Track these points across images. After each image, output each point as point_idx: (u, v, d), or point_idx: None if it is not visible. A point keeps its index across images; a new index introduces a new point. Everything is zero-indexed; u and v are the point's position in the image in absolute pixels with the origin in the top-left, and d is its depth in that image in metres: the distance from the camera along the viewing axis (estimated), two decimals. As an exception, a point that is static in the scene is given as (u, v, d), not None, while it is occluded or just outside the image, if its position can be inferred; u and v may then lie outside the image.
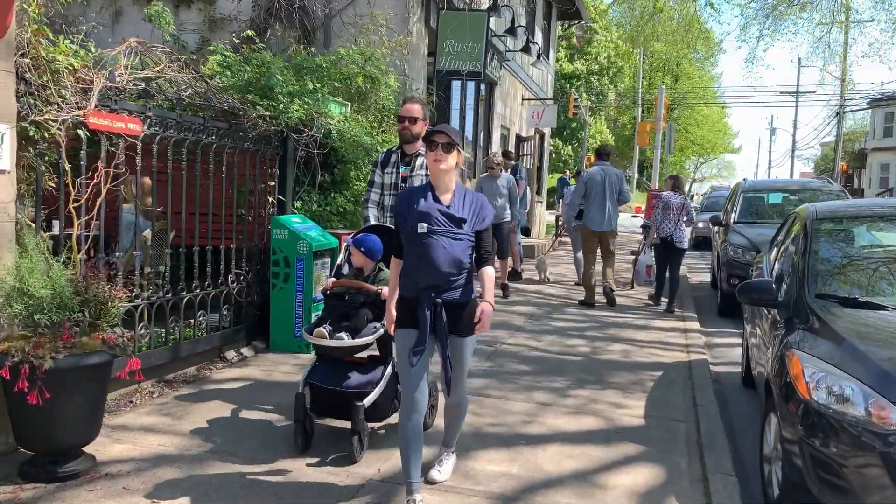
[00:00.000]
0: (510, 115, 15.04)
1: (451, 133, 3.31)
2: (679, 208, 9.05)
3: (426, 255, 3.24)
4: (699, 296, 11.34)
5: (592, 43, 40.63)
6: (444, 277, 3.27)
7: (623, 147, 51.68)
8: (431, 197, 3.32)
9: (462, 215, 3.31)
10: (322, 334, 4.02)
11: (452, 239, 3.27)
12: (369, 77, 7.42)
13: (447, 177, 3.33)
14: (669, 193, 9.29)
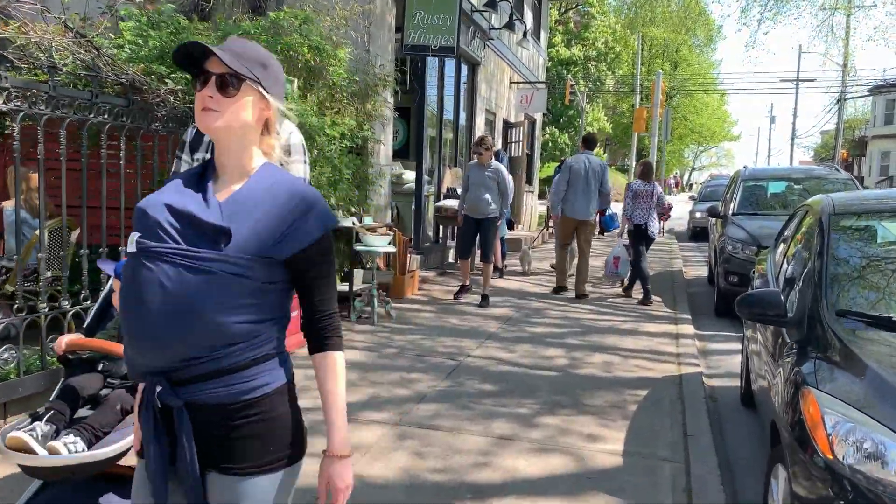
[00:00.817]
0: (496, 100, 14.13)
1: (238, 57, 1.63)
2: (649, 196, 8.85)
3: (133, 302, 1.60)
4: (695, 293, 10.48)
5: (590, 28, 39.58)
6: (174, 351, 1.57)
7: (622, 135, 50.72)
8: (195, 186, 1.68)
9: (223, 224, 1.59)
10: (22, 443, 2.24)
11: (188, 269, 1.56)
12: (315, 48, 6.53)
13: (234, 142, 1.67)
14: (638, 182, 9.05)
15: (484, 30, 12.13)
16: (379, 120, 8.20)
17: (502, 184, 8.13)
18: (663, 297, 9.24)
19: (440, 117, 11.19)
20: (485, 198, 8.05)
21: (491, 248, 8.18)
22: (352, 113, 7.22)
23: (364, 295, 7.07)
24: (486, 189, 8.05)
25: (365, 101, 7.52)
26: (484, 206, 8.08)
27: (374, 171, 8.38)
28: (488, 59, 13.25)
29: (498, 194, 8.09)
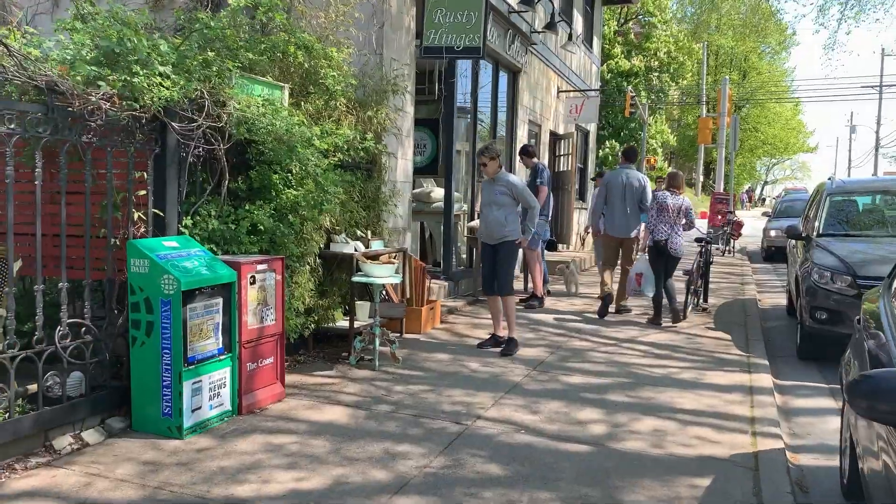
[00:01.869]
0: (541, 110, 12.91)
1: None
2: (676, 210, 8.09)
3: None
4: (773, 327, 8.98)
5: (651, 38, 37.96)
6: None
7: (688, 148, 48.59)
8: None
9: None
10: None
11: None
12: (304, 47, 5.49)
13: None
14: (664, 193, 8.25)
15: (524, 33, 10.97)
16: (391, 131, 7.12)
17: (520, 197, 6.56)
18: (733, 335, 7.81)
19: (474, 129, 10.05)
20: (497, 218, 6.53)
21: (506, 278, 6.59)
22: (352, 122, 6.15)
23: (366, 333, 5.95)
24: (499, 207, 6.53)
25: (373, 108, 6.44)
26: (497, 228, 6.55)
27: (389, 189, 7.29)
28: (531, 66, 12.06)
29: (515, 212, 6.57)
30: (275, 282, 4.83)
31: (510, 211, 6.57)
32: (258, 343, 4.75)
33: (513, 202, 6.56)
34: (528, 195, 6.62)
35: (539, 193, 9.00)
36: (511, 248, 6.63)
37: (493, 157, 6.55)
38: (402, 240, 7.77)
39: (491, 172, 6.61)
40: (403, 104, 7.64)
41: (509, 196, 6.55)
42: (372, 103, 6.48)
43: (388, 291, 6.93)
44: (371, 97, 6.64)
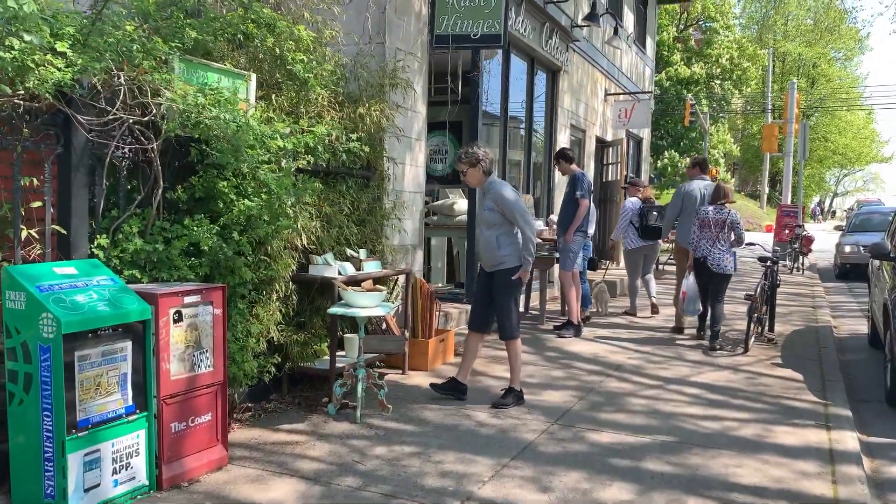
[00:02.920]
0: (586, 114, 11.67)
1: None
2: (719, 224, 7.40)
3: None
4: (853, 362, 7.53)
5: (712, 44, 36.07)
6: None
7: (752, 158, 46.22)
8: None
9: None
10: None
11: None
12: (266, 25, 4.48)
13: None
14: (708, 208, 7.59)
15: (564, 27, 9.80)
16: (392, 132, 6.06)
17: (510, 216, 5.05)
18: (806, 373, 6.42)
19: (504, 134, 8.92)
20: (487, 241, 5.14)
21: (508, 316, 5.16)
22: (336, 119, 5.10)
23: (348, 375, 4.86)
24: (489, 226, 5.15)
25: (364, 105, 5.38)
26: (488, 253, 5.17)
27: (392, 201, 6.22)
28: (573, 65, 10.86)
29: (511, 233, 5.09)
30: (212, 317, 3.80)
31: (503, 232, 5.12)
32: (187, 397, 3.71)
33: (505, 221, 5.11)
34: (520, 214, 5.04)
35: (579, 207, 7.80)
36: (506, 278, 5.13)
37: (472, 164, 5.12)
38: (411, 260, 6.69)
39: (475, 182, 5.23)
40: (412, 102, 6.58)
41: (498, 213, 5.10)
42: (364, 98, 5.42)
43: (388, 322, 5.84)
44: (365, 91, 5.59)
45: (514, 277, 5.09)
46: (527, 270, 5.16)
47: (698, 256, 7.48)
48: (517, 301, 5.27)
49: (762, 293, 7.63)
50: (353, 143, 4.89)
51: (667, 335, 8.09)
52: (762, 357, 7.08)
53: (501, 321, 5.23)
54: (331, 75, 5.04)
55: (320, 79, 4.82)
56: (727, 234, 7.38)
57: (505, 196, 5.08)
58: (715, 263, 7.35)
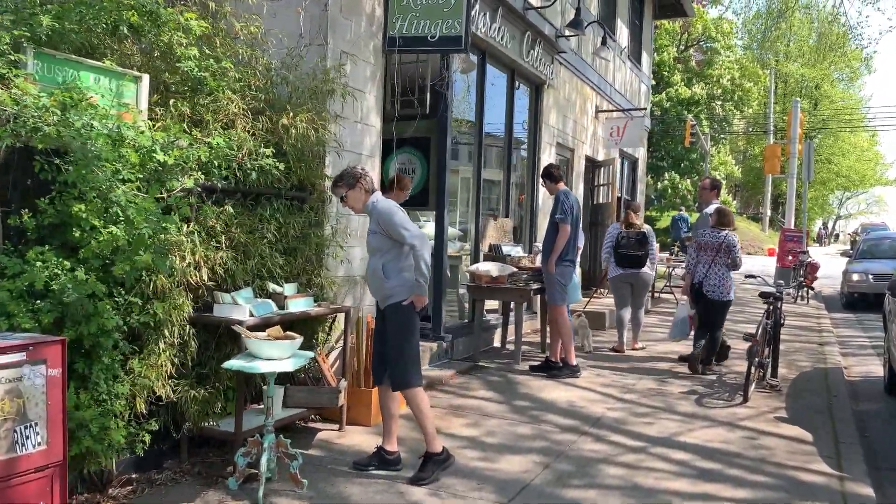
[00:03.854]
0: (574, 131, 10.81)
1: None
2: (715, 248, 7.07)
3: None
4: (869, 413, 6.57)
5: (713, 64, 35.36)
6: None
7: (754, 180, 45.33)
8: None
9: None
10: None
11: None
12: (148, 13, 3.63)
13: None
14: (705, 230, 7.27)
15: (548, 37, 8.95)
16: (332, 147, 5.18)
17: (392, 231, 4.10)
18: (816, 432, 5.48)
19: (479, 151, 8.05)
20: (374, 270, 4.24)
21: (399, 359, 4.19)
22: (247, 130, 4.22)
23: (252, 443, 3.93)
24: (374, 252, 4.25)
25: (288, 114, 4.50)
26: (375, 285, 4.27)
27: (335, 226, 5.33)
28: (560, 80, 10.02)
29: (399, 256, 4.14)
30: (45, 380, 2.90)
31: (390, 258, 4.15)
32: (6, 485, 2.81)
33: (393, 246, 4.17)
34: (399, 226, 4.06)
35: (559, 234, 6.91)
36: (398, 314, 4.15)
37: (351, 185, 4.21)
38: (361, 293, 5.78)
39: (359, 206, 4.27)
40: (362, 114, 5.71)
41: (383, 235, 4.17)
42: (290, 107, 4.54)
43: (322, 368, 4.92)
44: (294, 99, 4.71)
45: (404, 303, 4.14)
46: (421, 296, 4.14)
47: (694, 282, 7.18)
48: (413, 341, 4.26)
49: (764, 334, 6.69)
50: (266, 159, 3.99)
51: (656, 377, 7.15)
52: (764, 409, 6.14)
53: (391, 366, 4.25)
54: (246, 77, 4.17)
55: (225, 81, 3.95)
56: (723, 257, 7.05)
57: (382, 211, 4.13)
58: (710, 290, 7.06)
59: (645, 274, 8.31)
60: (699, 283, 7.13)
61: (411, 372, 4.22)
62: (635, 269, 8.21)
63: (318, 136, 4.73)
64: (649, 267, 8.34)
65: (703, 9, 35.25)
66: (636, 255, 8.15)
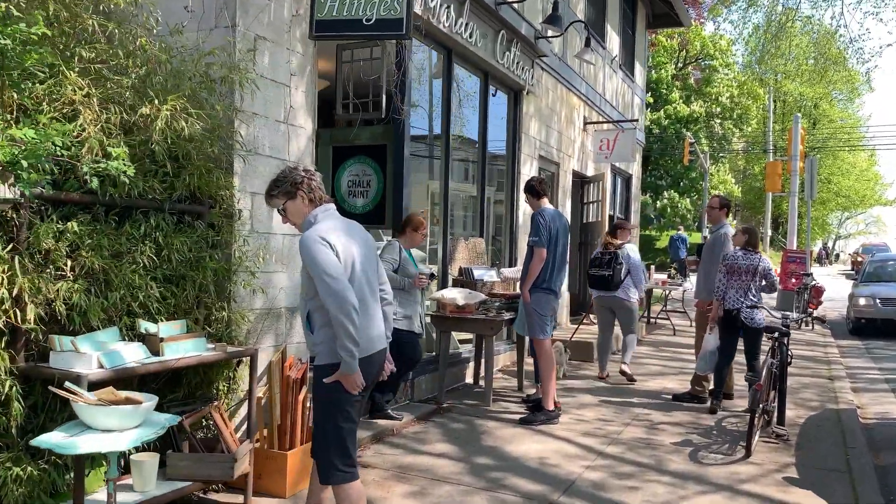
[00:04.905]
0: (559, 144, 9.81)
1: None
2: (749, 272, 6.42)
3: None
4: (891, 468, 5.46)
5: (712, 82, 34.49)
6: None
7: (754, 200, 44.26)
8: None
9: None
10: None
11: None
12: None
13: None
14: (737, 252, 6.53)
15: (526, 38, 7.97)
16: (237, 150, 4.16)
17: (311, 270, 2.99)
18: (830, 492, 4.40)
19: (446, 162, 7.03)
20: (301, 315, 3.24)
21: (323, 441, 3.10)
22: (97, 121, 3.20)
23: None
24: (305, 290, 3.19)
25: (151, 104, 3.47)
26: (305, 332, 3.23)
27: (249, 247, 4.30)
28: (542, 87, 9.03)
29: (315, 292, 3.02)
30: None
31: (319, 304, 3.03)
32: None
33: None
34: (321, 271, 2.93)
35: (533, 258, 5.89)
36: (319, 380, 3.07)
37: (290, 195, 3.12)
38: (285, 329, 4.73)
39: (301, 222, 3.18)
40: (284, 111, 4.69)
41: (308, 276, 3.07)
42: (160, 95, 3.50)
43: (219, 426, 3.86)
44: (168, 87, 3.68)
45: (326, 381, 3.05)
46: (349, 377, 2.98)
47: (730, 309, 6.40)
48: (338, 422, 3.07)
49: (769, 375, 5.62)
50: (112, 164, 2.96)
51: (645, 424, 6.07)
52: (770, 465, 5.06)
53: (314, 447, 3.17)
54: (109, 57, 3.15)
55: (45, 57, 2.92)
56: (759, 282, 6.42)
57: (304, 243, 3.00)
58: (749, 317, 6.37)
59: (621, 299, 7.63)
60: (735, 310, 6.37)
61: (334, 461, 3.09)
62: (607, 292, 7.62)
63: (215, 133, 3.71)
64: (629, 293, 7.63)
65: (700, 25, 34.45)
66: (602, 276, 7.55)
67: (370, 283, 3.19)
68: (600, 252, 7.71)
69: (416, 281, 5.59)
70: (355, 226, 3.27)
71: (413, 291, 5.61)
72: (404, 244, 5.73)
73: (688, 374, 7.52)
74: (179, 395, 3.82)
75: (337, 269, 2.95)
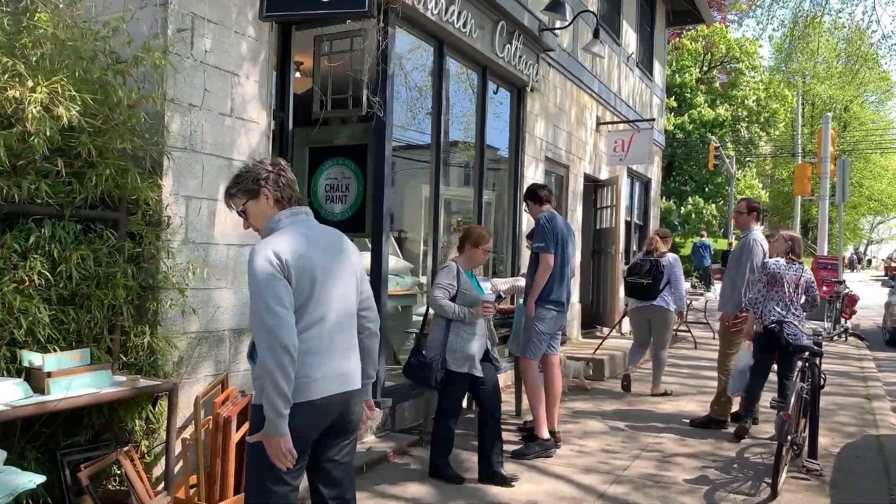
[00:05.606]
0: (568, 145, 9.05)
1: None
2: (793, 283, 5.63)
3: None
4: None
5: (738, 85, 33.32)
6: None
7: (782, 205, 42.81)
8: None
9: None
10: None
11: None
12: None
13: None
14: (778, 261, 5.71)
15: (529, 31, 7.24)
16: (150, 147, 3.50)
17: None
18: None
19: (437, 163, 6.33)
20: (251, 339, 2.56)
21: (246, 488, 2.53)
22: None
23: None
24: None
25: (16, 85, 2.81)
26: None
27: (167, 263, 3.63)
28: (548, 84, 8.29)
29: None
30: None
31: None
32: None
33: None
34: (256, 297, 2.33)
35: (539, 266, 5.17)
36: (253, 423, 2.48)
37: (252, 194, 2.53)
38: (228, 356, 4.05)
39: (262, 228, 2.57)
40: (231, 103, 4.04)
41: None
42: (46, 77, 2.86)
43: (129, 476, 3.18)
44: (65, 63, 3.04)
45: (249, 439, 2.40)
46: (271, 439, 2.32)
47: (771, 324, 5.56)
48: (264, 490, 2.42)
49: (798, 402, 4.79)
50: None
51: (656, 455, 5.28)
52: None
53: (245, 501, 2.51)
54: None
55: None
56: (800, 295, 5.70)
57: (250, 260, 2.39)
58: (792, 333, 5.52)
59: (658, 307, 7.28)
60: (776, 324, 5.53)
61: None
62: (645, 301, 7.28)
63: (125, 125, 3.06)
64: (668, 301, 7.32)
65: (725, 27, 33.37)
66: (640, 284, 7.22)
67: (342, 310, 2.53)
68: (641, 259, 7.37)
69: (479, 310, 4.49)
70: (332, 237, 2.62)
71: (475, 323, 4.53)
72: (464, 264, 4.67)
73: (708, 395, 6.71)
74: (82, 438, 3.16)
75: (277, 300, 2.32)
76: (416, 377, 4.65)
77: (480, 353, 4.57)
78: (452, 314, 4.42)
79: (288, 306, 2.33)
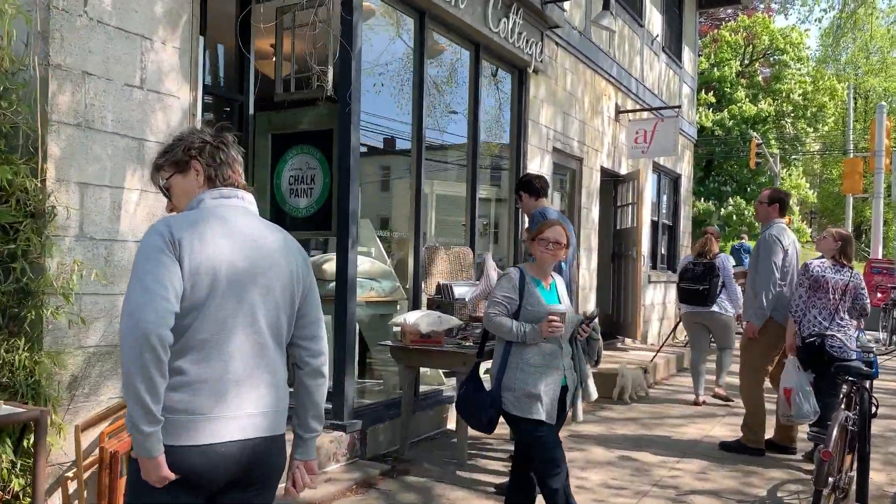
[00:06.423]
0: (582, 135, 8.40)
1: None
2: (839, 290, 5.01)
3: None
4: None
5: (782, 79, 32.18)
6: None
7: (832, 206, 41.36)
8: None
9: None
10: None
11: None
12: None
13: None
14: (823, 262, 5.10)
15: (530, 4, 6.64)
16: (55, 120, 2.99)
17: None
18: None
19: (418, 153, 5.74)
20: None
21: None
22: None
23: None
24: None
25: None
26: None
27: (51, 264, 3.10)
28: (556, 66, 7.66)
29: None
30: None
31: None
32: None
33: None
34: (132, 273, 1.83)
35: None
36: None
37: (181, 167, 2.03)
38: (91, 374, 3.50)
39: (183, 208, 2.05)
40: (143, 73, 3.51)
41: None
42: None
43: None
44: None
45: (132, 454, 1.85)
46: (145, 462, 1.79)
47: (810, 336, 5.04)
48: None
49: (842, 435, 4.07)
50: None
51: (672, 491, 4.60)
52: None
53: None
54: None
55: None
56: (847, 303, 5.11)
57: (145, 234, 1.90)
58: (837, 347, 4.92)
59: (717, 314, 7.18)
60: (818, 336, 4.99)
61: None
62: (702, 307, 7.12)
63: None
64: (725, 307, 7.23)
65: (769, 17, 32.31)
66: (696, 290, 7.06)
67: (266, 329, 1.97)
68: (693, 262, 7.19)
69: (543, 327, 3.36)
70: (269, 234, 2.03)
71: (542, 347, 3.44)
72: (533, 271, 3.60)
73: (739, 416, 6.01)
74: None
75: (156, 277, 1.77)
76: (465, 414, 3.71)
77: (552, 390, 3.44)
78: (510, 334, 3.43)
79: (168, 288, 1.76)
